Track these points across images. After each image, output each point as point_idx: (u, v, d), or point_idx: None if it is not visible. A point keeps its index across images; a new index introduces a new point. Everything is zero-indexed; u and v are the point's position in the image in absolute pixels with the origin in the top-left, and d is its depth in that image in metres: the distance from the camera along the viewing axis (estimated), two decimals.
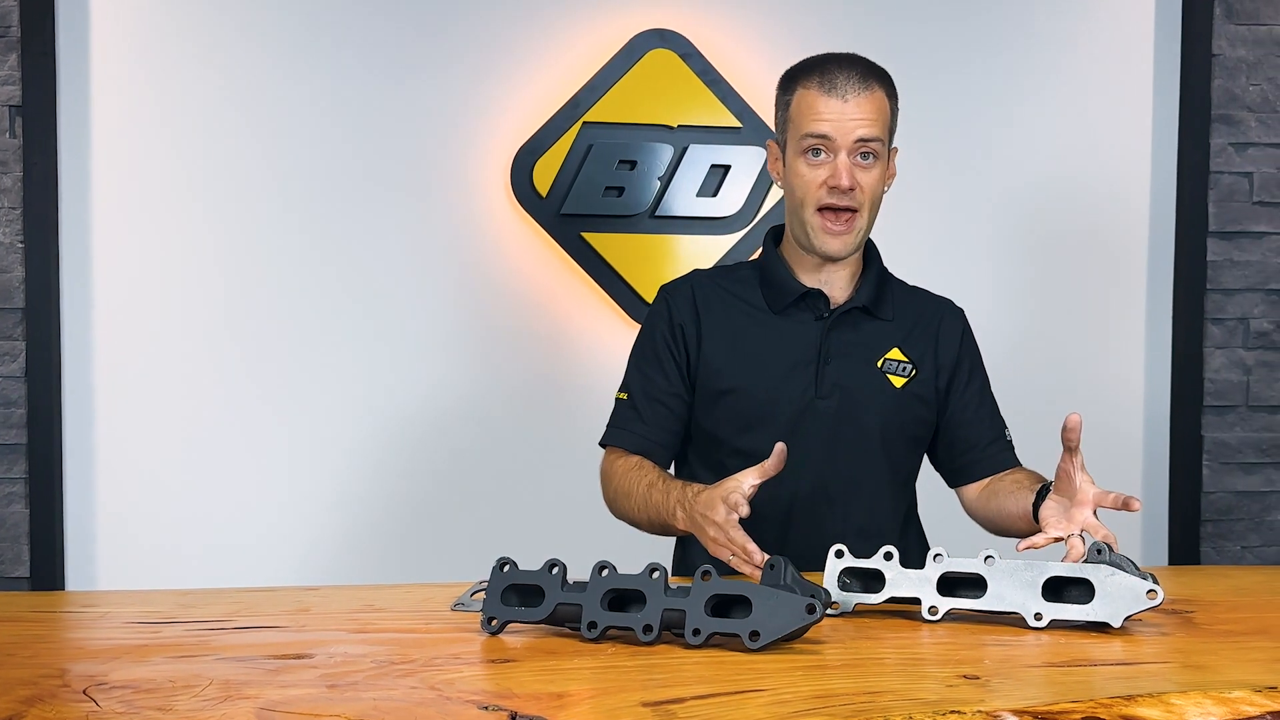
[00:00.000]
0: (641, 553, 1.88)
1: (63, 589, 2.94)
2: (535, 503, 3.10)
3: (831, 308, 2.06)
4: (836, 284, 2.07)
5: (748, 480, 1.77)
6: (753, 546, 1.75)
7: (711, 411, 2.08)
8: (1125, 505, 1.70)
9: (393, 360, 3.07)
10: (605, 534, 2.28)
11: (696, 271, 2.19)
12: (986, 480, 2.10)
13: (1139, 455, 3.30)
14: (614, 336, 3.10)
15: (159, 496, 2.99)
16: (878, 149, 1.97)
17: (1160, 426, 3.30)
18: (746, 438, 2.04)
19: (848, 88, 1.95)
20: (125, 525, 2.99)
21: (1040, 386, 3.18)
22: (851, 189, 1.95)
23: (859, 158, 1.96)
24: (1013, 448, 2.14)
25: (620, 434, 2.10)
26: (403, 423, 3.08)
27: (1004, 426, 2.15)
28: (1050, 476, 1.88)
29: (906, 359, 2.07)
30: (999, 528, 2.04)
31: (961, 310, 2.19)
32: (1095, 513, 1.76)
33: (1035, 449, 2.16)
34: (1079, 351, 3.29)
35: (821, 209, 1.98)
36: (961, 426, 2.11)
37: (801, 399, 2.03)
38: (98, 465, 2.97)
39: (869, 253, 2.13)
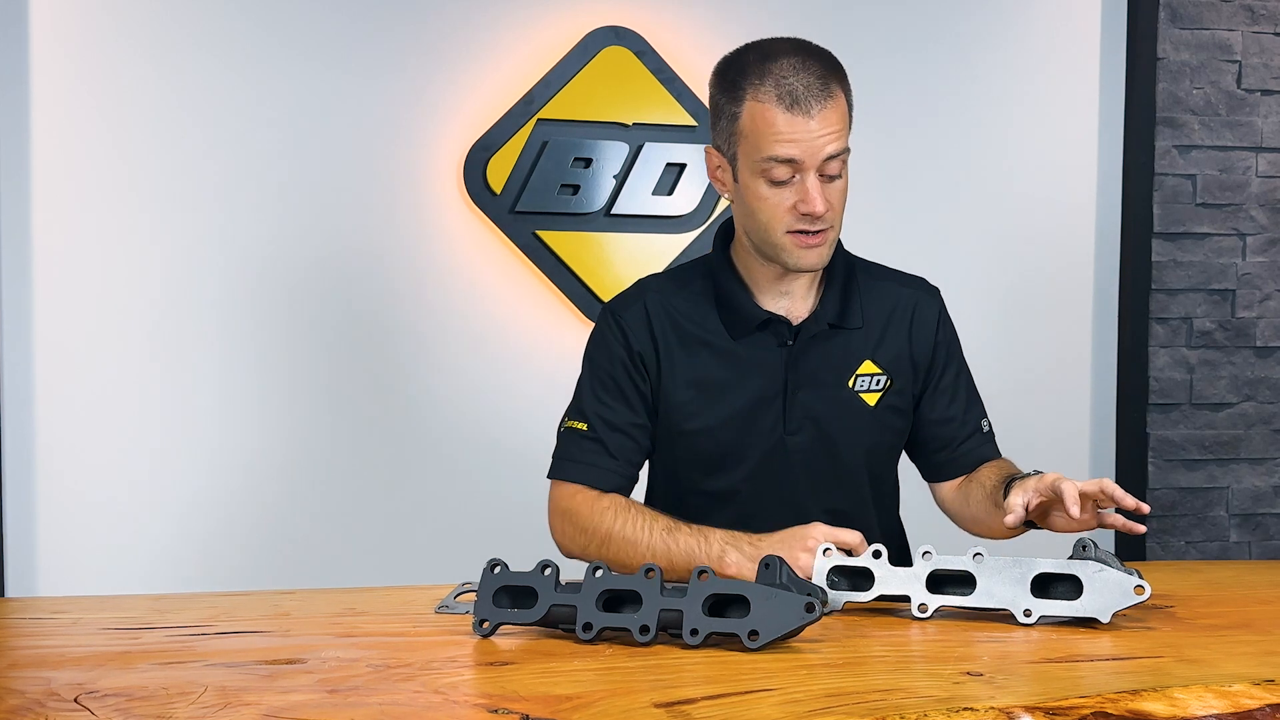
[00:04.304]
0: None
1: (1, 595, 2.86)
2: (489, 503, 3.07)
3: (796, 326, 1.90)
4: (798, 293, 1.91)
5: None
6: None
7: (673, 450, 1.95)
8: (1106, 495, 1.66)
9: (342, 359, 3.02)
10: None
11: (645, 286, 1.98)
12: (959, 480, 2.01)
13: (1086, 452, 3.35)
14: (569, 335, 3.08)
15: (100, 501, 2.91)
16: (845, 158, 1.80)
17: (1106, 424, 3.35)
18: (712, 480, 1.94)
19: (810, 99, 1.75)
20: (65, 531, 2.90)
21: (987, 385, 3.17)
22: (825, 212, 1.78)
23: (827, 174, 1.78)
24: (992, 438, 2.03)
25: (585, 470, 1.90)
26: (351, 422, 3.04)
27: (981, 415, 2.04)
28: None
29: (879, 370, 1.93)
30: (977, 533, 1.96)
31: (936, 290, 2.03)
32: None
33: None
34: (1027, 351, 3.33)
35: (792, 232, 1.80)
36: (936, 423, 2.00)
37: (770, 436, 1.90)
38: (37, 470, 2.89)
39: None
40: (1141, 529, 1.69)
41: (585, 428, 1.92)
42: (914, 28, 3.25)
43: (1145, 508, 1.69)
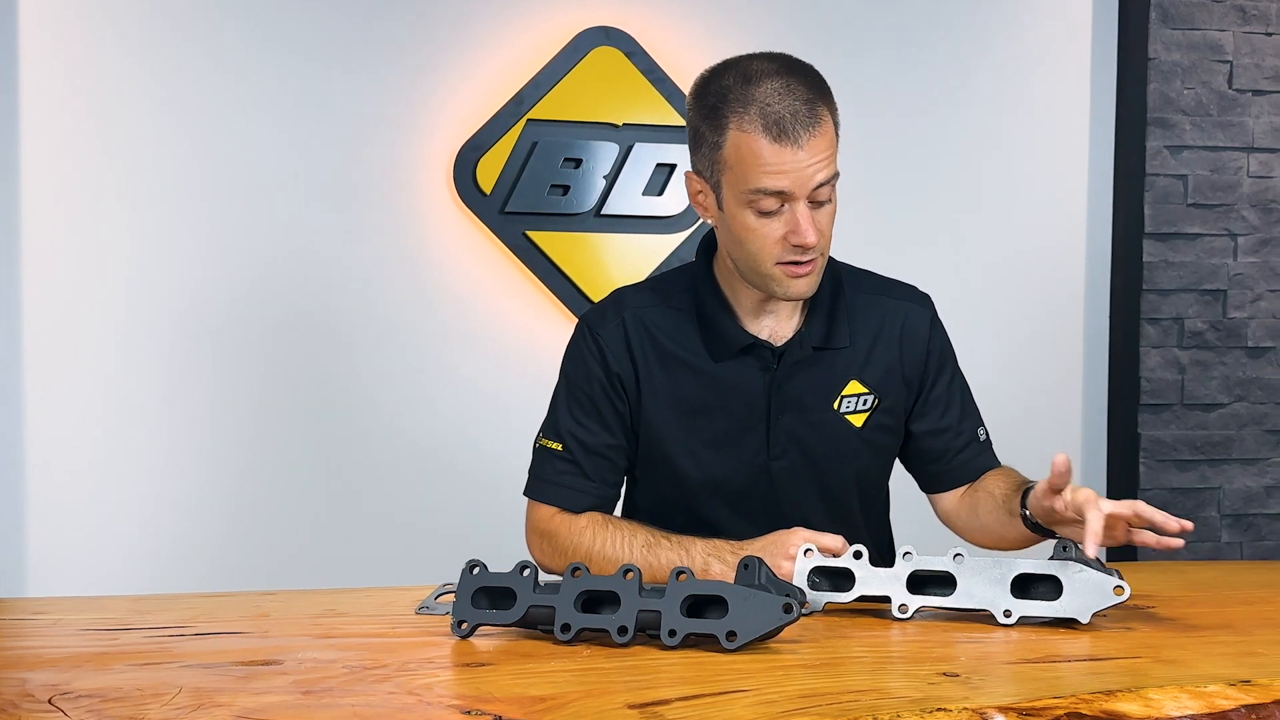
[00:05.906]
0: None
1: None
2: (475, 504, 3.06)
3: (779, 349, 1.84)
4: (783, 313, 1.86)
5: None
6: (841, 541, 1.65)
7: (653, 477, 1.92)
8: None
9: (329, 359, 3.02)
10: None
11: (623, 300, 1.93)
12: (961, 490, 1.96)
13: (1077, 453, 3.35)
14: (559, 336, 3.04)
15: (90, 502, 2.91)
16: (834, 183, 1.74)
17: (1098, 425, 3.35)
18: (695, 503, 1.90)
19: (798, 128, 1.67)
20: (54, 532, 2.90)
21: (978, 386, 3.18)
22: (816, 242, 1.72)
23: (816, 200, 1.72)
24: (989, 447, 1.98)
25: (562, 492, 1.87)
26: (337, 422, 3.03)
27: (978, 424, 1.98)
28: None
29: (865, 389, 1.88)
30: (986, 543, 1.91)
31: (927, 298, 1.98)
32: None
33: None
34: (1018, 351, 3.32)
35: (781, 263, 1.75)
36: (930, 435, 1.94)
37: (753, 463, 1.86)
38: (26, 472, 2.88)
39: None
40: (1178, 544, 1.59)
41: (560, 448, 1.88)
42: (904, 28, 3.25)
43: (1189, 525, 1.60)
